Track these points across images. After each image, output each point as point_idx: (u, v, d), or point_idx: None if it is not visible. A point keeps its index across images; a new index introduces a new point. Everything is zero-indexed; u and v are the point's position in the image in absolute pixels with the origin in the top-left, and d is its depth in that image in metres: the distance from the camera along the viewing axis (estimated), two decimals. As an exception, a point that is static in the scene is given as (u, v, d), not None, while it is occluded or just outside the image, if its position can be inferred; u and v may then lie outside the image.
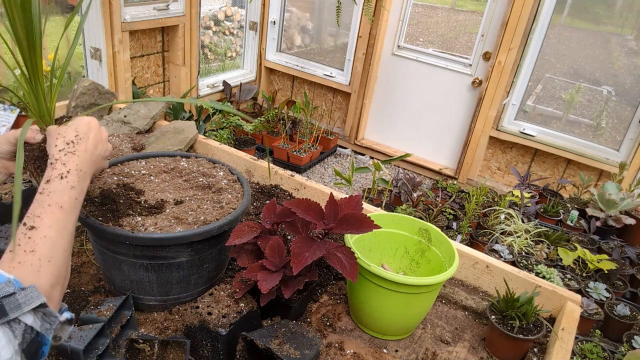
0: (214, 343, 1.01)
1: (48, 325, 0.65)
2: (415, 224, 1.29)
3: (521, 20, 3.48)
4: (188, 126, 1.83)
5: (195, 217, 1.09)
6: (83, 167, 0.83)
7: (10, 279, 0.63)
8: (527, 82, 3.73)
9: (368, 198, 3.09)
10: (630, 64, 3.46)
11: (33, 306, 0.62)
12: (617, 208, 2.70)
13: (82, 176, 0.82)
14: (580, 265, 2.44)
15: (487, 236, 2.66)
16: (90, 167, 0.86)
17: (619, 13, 3.53)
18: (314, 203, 1.06)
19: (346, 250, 1.05)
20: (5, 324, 0.60)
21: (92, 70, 3.23)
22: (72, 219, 0.78)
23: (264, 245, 1.08)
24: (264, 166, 1.70)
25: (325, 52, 4.65)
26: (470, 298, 1.34)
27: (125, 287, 1.09)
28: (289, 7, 4.58)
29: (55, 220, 0.74)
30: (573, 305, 1.25)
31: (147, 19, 3.32)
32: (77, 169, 0.81)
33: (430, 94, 4.16)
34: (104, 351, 0.95)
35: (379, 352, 1.15)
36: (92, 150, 0.86)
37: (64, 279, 0.74)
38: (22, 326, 0.61)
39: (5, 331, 0.59)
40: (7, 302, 0.60)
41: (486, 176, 4.11)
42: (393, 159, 3.06)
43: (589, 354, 1.95)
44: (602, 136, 3.65)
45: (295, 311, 1.17)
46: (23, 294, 0.62)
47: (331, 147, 4.52)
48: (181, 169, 1.28)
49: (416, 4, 4.18)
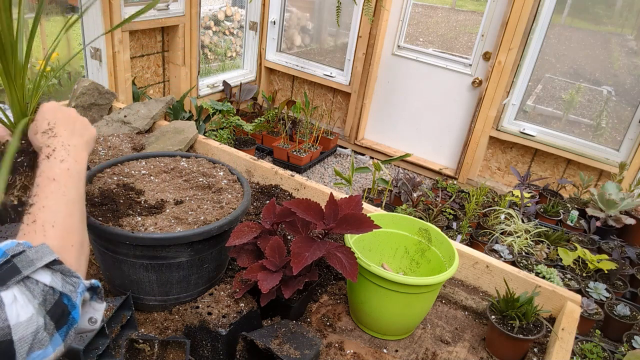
0: (214, 343, 1.01)
1: (71, 287, 0.62)
2: (415, 224, 1.29)
3: (521, 20, 3.48)
4: (188, 126, 1.83)
5: (195, 217, 1.09)
6: (70, 143, 0.82)
7: (20, 242, 0.61)
8: (527, 82, 3.73)
9: (368, 198, 3.09)
10: (630, 64, 3.46)
11: (46, 261, 0.60)
12: (617, 208, 2.70)
13: (70, 150, 0.81)
14: (580, 265, 2.44)
15: (487, 236, 2.66)
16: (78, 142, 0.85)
17: (619, 13, 3.53)
18: (314, 203, 1.06)
19: (346, 250, 1.05)
20: (21, 283, 0.58)
21: (92, 70, 3.23)
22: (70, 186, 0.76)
23: (264, 245, 1.08)
24: (264, 166, 1.70)
25: (325, 52, 4.65)
26: (470, 298, 1.34)
27: (125, 287, 1.09)
28: (289, 7, 4.58)
29: (50, 191, 0.73)
30: (573, 305, 1.25)
31: (147, 19, 3.32)
32: (62, 145, 0.81)
33: (430, 94, 4.16)
34: (104, 351, 0.95)
35: (379, 352, 1.15)
36: (71, 128, 0.86)
37: (79, 244, 0.72)
38: (41, 286, 0.59)
39: (22, 290, 0.57)
40: (18, 259, 0.58)
41: (486, 176, 4.11)
42: (393, 159, 3.06)
43: (589, 354, 1.95)
44: (602, 136, 3.65)
45: (295, 311, 1.17)
46: (34, 251, 0.61)
47: (331, 147, 4.52)
48: (181, 169, 1.28)
49: (416, 4, 4.18)
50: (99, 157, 1.61)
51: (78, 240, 0.72)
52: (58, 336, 0.60)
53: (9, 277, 0.57)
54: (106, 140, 1.72)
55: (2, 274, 0.57)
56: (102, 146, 1.68)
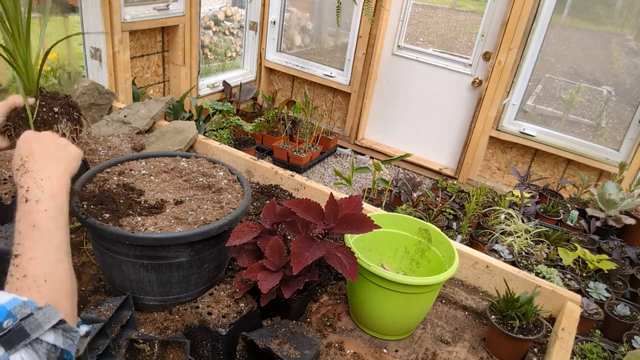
0: (214, 343, 1.01)
1: (70, 341, 0.65)
2: (415, 224, 1.29)
3: (521, 20, 3.48)
4: (188, 126, 1.83)
5: (195, 217, 1.09)
6: (42, 176, 0.80)
7: (25, 301, 0.62)
8: (527, 82, 3.73)
9: (368, 198, 3.09)
10: (630, 64, 3.46)
11: (52, 324, 0.62)
12: (617, 208, 2.70)
13: (44, 185, 0.79)
14: (580, 265, 2.44)
15: (487, 236, 2.66)
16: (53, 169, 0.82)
17: (619, 13, 3.53)
18: (314, 203, 1.06)
19: (346, 250, 1.05)
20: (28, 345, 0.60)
21: (92, 70, 3.23)
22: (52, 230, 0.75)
23: (264, 245, 1.08)
24: (264, 166, 1.70)
25: (325, 52, 4.65)
26: (470, 298, 1.34)
27: (125, 287, 1.09)
28: (289, 7, 4.58)
29: (35, 240, 0.73)
30: (573, 305, 1.25)
31: (147, 19, 3.32)
32: (34, 181, 0.78)
33: (430, 94, 4.16)
34: (104, 351, 0.95)
35: (379, 352, 1.15)
36: (44, 155, 0.83)
37: (70, 290, 0.73)
38: (45, 346, 0.61)
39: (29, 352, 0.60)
40: (26, 323, 0.60)
41: (486, 176, 4.11)
42: (393, 159, 3.06)
43: (589, 354, 1.95)
44: (602, 136, 3.65)
45: (295, 311, 1.17)
46: (41, 313, 0.62)
47: (331, 147, 4.52)
48: (181, 169, 1.28)
49: (416, 4, 4.18)
50: (99, 157, 1.61)
51: (69, 285, 0.73)
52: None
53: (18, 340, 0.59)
54: (106, 140, 1.72)
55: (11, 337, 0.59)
56: (102, 146, 1.68)
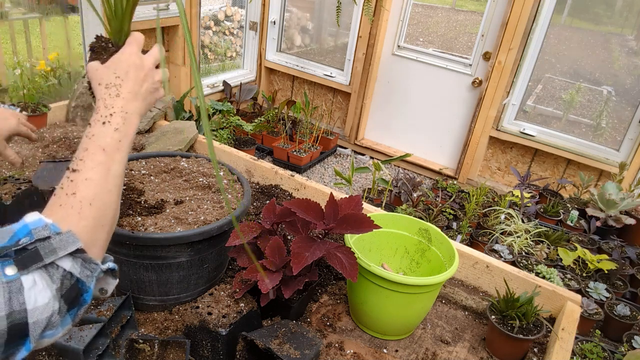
0: (214, 343, 1.01)
1: (88, 272, 0.63)
2: (415, 224, 1.29)
3: (521, 21, 3.48)
4: (188, 126, 1.83)
5: (195, 217, 1.09)
6: (129, 109, 0.79)
7: (47, 224, 0.61)
8: (527, 82, 3.73)
9: (368, 198, 3.09)
10: (630, 64, 3.46)
11: (68, 251, 0.61)
12: (617, 208, 2.70)
13: (127, 118, 0.78)
14: (580, 265, 2.44)
15: (487, 236, 2.66)
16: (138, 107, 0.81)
17: (619, 13, 3.53)
18: (314, 203, 1.06)
19: (346, 250, 1.05)
20: (42, 269, 0.58)
21: (92, 70, 3.22)
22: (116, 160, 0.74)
23: (264, 245, 1.08)
24: (264, 166, 1.70)
25: (325, 52, 4.65)
26: (470, 298, 1.34)
27: (125, 287, 1.09)
28: (289, 7, 4.58)
29: (98, 162, 0.72)
30: (573, 305, 1.25)
31: (147, 19, 3.32)
32: (121, 111, 0.77)
33: (430, 94, 4.16)
34: (104, 351, 0.95)
35: (379, 352, 1.15)
36: (136, 90, 0.82)
37: (110, 222, 0.72)
38: (61, 271, 0.60)
39: (42, 275, 0.58)
40: (41, 246, 0.59)
41: (486, 176, 4.11)
42: (393, 159, 3.06)
43: (589, 354, 1.95)
44: (602, 136, 3.65)
45: (295, 311, 1.17)
46: (58, 239, 0.61)
47: (331, 147, 4.52)
48: (181, 169, 1.28)
49: (416, 4, 4.18)
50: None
51: (110, 219, 0.72)
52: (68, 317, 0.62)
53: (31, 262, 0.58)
54: (106, 140, 1.72)
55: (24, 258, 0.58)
56: (102, 146, 1.68)
